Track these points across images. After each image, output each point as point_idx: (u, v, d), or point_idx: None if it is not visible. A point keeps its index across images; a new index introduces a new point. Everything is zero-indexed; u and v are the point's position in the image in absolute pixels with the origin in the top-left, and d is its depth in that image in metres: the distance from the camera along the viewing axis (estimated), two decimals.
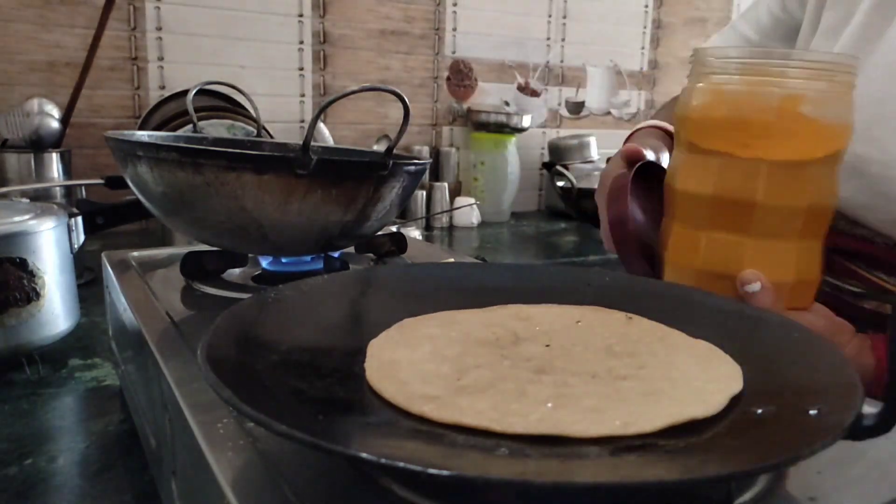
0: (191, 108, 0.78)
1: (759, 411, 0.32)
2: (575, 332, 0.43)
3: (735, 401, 0.33)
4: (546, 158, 2.06)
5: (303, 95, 1.70)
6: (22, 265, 0.68)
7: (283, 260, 0.66)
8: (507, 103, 2.00)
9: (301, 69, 1.69)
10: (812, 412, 0.29)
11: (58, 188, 1.21)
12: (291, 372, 0.35)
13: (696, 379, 0.35)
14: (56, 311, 0.72)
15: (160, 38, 1.52)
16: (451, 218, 1.77)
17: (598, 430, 0.30)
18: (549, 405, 0.32)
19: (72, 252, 0.75)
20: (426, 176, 1.72)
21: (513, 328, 0.43)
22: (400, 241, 0.74)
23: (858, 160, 0.59)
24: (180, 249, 0.70)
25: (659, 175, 0.58)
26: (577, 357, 0.39)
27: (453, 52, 1.89)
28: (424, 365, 0.37)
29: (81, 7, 1.43)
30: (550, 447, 0.29)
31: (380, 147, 1.62)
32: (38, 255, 0.69)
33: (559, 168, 1.79)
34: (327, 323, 0.43)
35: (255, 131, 1.08)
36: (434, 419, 0.31)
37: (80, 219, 0.77)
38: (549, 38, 2.02)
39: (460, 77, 1.93)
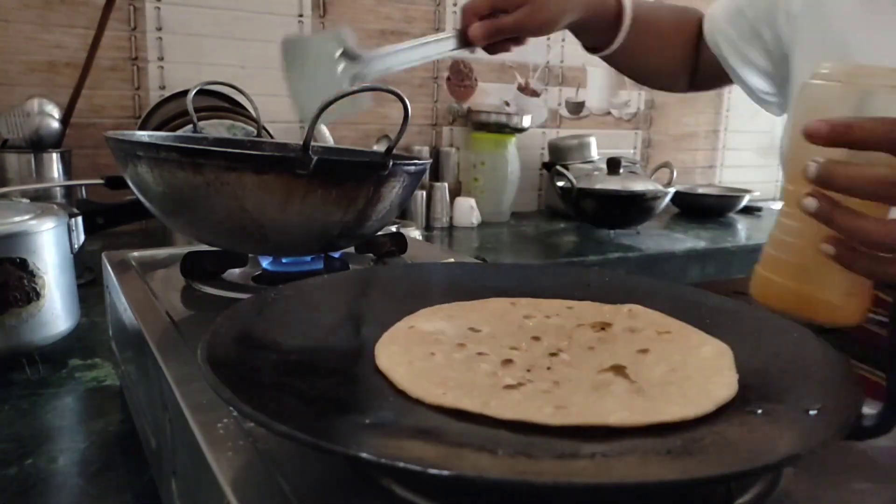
0: (191, 108, 0.78)
1: (759, 411, 0.32)
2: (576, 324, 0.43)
3: (735, 401, 0.33)
4: (546, 158, 2.06)
5: None
6: (22, 265, 0.68)
7: (283, 260, 0.66)
8: (507, 103, 2.00)
9: None
10: (812, 412, 0.29)
11: (58, 188, 1.21)
12: (291, 372, 0.35)
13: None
14: (56, 311, 0.72)
15: (160, 38, 1.52)
16: (450, 218, 1.77)
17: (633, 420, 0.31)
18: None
19: (72, 252, 0.75)
20: (426, 176, 1.72)
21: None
22: (400, 241, 0.74)
23: None
24: (180, 249, 0.70)
25: None
26: (582, 354, 0.39)
27: None
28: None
29: (81, 7, 1.43)
30: (550, 447, 0.29)
31: (380, 147, 1.62)
32: (38, 255, 0.69)
33: (559, 168, 1.79)
34: (327, 323, 0.43)
35: (255, 131, 1.08)
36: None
37: (80, 219, 0.78)
38: (549, 38, 2.02)
39: (460, 77, 1.93)
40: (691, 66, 0.83)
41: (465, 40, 0.63)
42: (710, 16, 0.80)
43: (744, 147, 2.43)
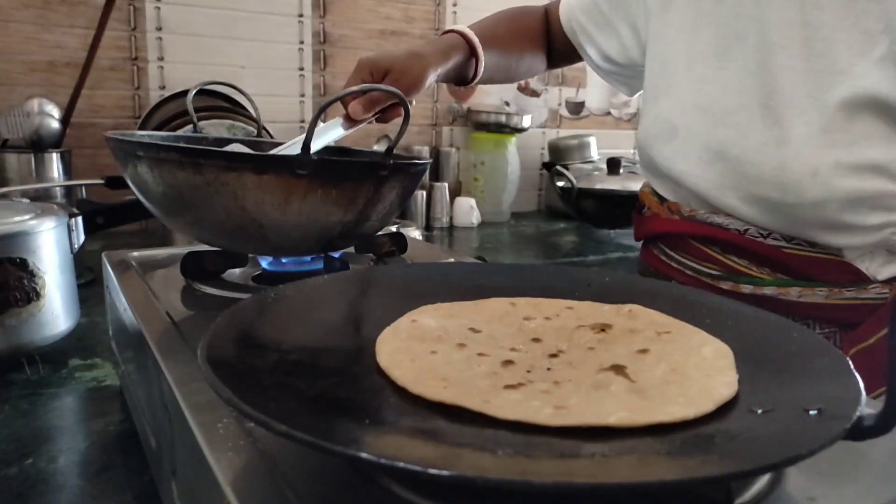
0: (191, 108, 0.78)
1: (760, 411, 0.32)
2: (575, 326, 0.43)
3: (735, 400, 0.33)
4: (546, 158, 2.06)
5: (303, 95, 1.70)
6: (22, 265, 0.68)
7: (283, 260, 0.66)
8: (507, 103, 2.00)
9: (301, 69, 1.69)
10: (812, 412, 0.29)
11: (58, 188, 1.21)
12: (291, 372, 0.35)
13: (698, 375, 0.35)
14: (56, 311, 0.72)
15: (160, 38, 1.52)
16: (450, 218, 1.77)
17: (629, 420, 0.31)
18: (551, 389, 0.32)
19: (72, 252, 0.75)
20: (426, 176, 1.72)
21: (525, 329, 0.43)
22: (400, 241, 0.74)
23: (720, 144, 0.64)
24: (180, 249, 0.70)
25: None
26: (583, 354, 0.39)
27: None
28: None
29: (81, 7, 1.43)
30: (550, 447, 0.29)
31: (380, 147, 1.62)
32: (38, 255, 0.69)
33: (559, 168, 1.79)
34: (327, 323, 0.43)
35: (255, 131, 1.08)
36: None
37: (80, 219, 0.78)
38: None
39: None
40: (544, 54, 0.90)
41: (350, 120, 0.69)
42: (566, 4, 0.86)
43: None
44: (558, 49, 0.88)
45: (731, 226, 0.66)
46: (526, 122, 1.88)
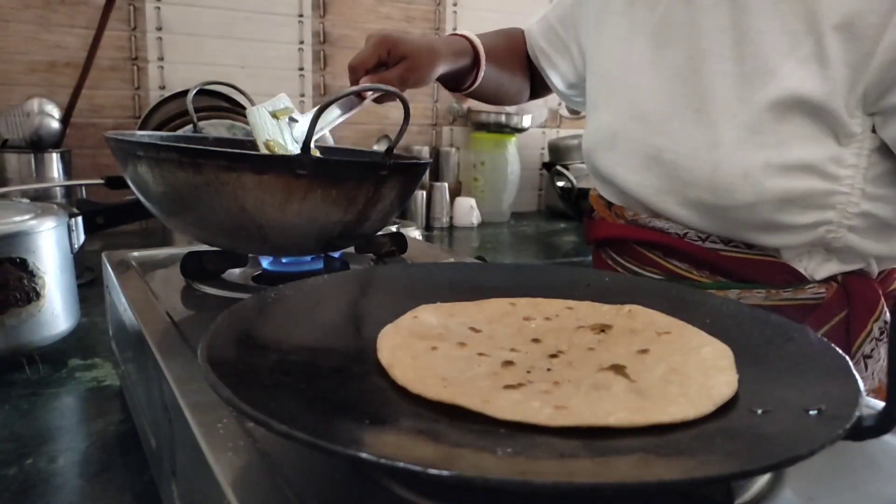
0: (191, 108, 0.78)
1: (760, 411, 0.32)
2: (575, 326, 0.43)
3: (735, 401, 0.33)
4: (546, 158, 2.06)
5: (303, 95, 1.70)
6: (22, 265, 0.68)
7: (283, 260, 0.66)
8: None
9: (301, 69, 1.69)
10: (812, 412, 0.29)
11: (58, 188, 1.22)
12: (291, 372, 0.35)
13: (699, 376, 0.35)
14: (56, 311, 0.72)
15: (160, 38, 1.52)
16: (450, 218, 1.77)
17: (630, 421, 0.31)
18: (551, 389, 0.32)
19: (72, 252, 0.75)
20: (426, 176, 1.72)
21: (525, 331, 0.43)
22: (400, 241, 0.74)
23: (656, 150, 0.65)
24: (180, 249, 0.70)
25: None
26: (582, 353, 0.39)
27: None
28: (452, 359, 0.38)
29: (81, 7, 1.43)
30: (550, 447, 0.29)
31: (380, 147, 1.62)
32: (38, 255, 0.69)
33: (559, 168, 1.79)
34: (327, 323, 0.43)
35: None
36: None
37: (80, 219, 0.78)
38: None
39: None
40: (529, 79, 0.91)
41: (358, 95, 0.69)
42: (529, 31, 0.88)
43: None
44: (535, 75, 0.89)
45: (671, 230, 0.67)
46: (526, 122, 1.88)
